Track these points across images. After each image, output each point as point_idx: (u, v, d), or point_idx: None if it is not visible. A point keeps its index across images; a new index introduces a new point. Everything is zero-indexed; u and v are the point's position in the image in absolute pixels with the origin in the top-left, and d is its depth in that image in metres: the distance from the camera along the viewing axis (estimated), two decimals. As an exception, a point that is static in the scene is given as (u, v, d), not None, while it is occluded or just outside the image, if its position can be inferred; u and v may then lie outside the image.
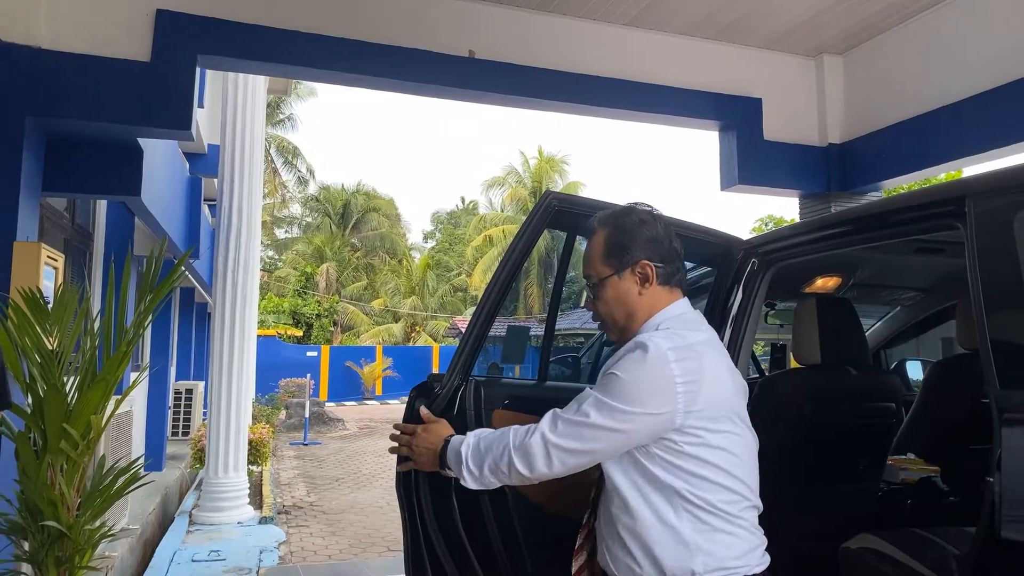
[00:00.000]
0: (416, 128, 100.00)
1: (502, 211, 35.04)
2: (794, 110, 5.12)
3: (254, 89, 7.33)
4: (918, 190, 2.32)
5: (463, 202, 44.40)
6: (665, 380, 1.44)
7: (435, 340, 32.02)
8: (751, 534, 1.51)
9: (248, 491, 7.21)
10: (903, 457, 3.06)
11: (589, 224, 1.70)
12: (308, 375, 19.32)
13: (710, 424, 1.45)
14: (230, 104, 7.16)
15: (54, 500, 2.81)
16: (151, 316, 3.18)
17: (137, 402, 7.71)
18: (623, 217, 1.65)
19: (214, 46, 3.84)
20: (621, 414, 1.44)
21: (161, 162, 5.79)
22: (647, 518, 1.46)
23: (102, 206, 6.82)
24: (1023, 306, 1.68)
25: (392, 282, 34.76)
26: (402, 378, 26.02)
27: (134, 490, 3.27)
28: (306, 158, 33.93)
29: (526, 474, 1.55)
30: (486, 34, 4.35)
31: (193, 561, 5.55)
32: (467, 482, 1.66)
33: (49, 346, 2.90)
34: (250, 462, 7.79)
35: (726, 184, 5.03)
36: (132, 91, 3.63)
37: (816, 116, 5.19)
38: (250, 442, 7.69)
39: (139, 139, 4.19)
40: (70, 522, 2.85)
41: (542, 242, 27.07)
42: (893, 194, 3.80)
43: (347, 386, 25.23)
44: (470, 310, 34.50)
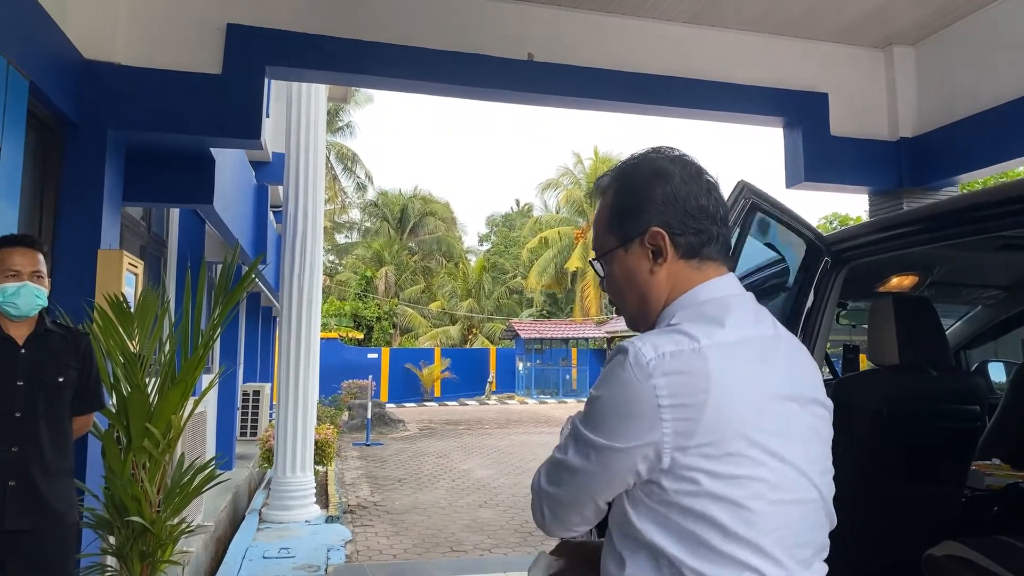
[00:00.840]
0: (470, 131, 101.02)
1: (557, 213, 35.03)
2: (863, 104, 4.97)
3: (316, 98, 7.51)
4: (1004, 183, 2.22)
5: (518, 204, 44.65)
6: (641, 402, 1.01)
7: (491, 342, 32.22)
8: None
9: (315, 490, 7.38)
10: (988, 462, 2.94)
11: (598, 182, 1.28)
12: (369, 377, 19.70)
13: (716, 466, 1.00)
14: (294, 113, 7.35)
15: (138, 496, 2.94)
16: (226, 320, 3.30)
17: (208, 403, 7.97)
18: (634, 170, 1.21)
19: (281, 57, 3.97)
20: (591, 449, 1.05)
21: (231, 171, 5.98)
22: None
23: (175, 214, 7.08)
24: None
25: (449, 285, 35.13)
26: (460, 379, 26.31)
27: (211, 488, 3.40)
28: (364, 164, 34.61)
29: (543, 530, 1.18)
30: (544, 36, 4.37)
31: (264, 558, 5.72)
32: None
33: (132, 349, 3.04)
34: (316, 462, 7.98)
35: (792, 181, 4.92)
36: (205, 102, 3.78)
37: (886, 109, 5.03)
38: (316, 443, 7.86)
39: (211, 149, 4.35)
40: (152, 517, 2.98)
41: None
42: (970, 189, 3.64)
43: (407, 387, 25.61)
44: (526, 312, 34.66)
